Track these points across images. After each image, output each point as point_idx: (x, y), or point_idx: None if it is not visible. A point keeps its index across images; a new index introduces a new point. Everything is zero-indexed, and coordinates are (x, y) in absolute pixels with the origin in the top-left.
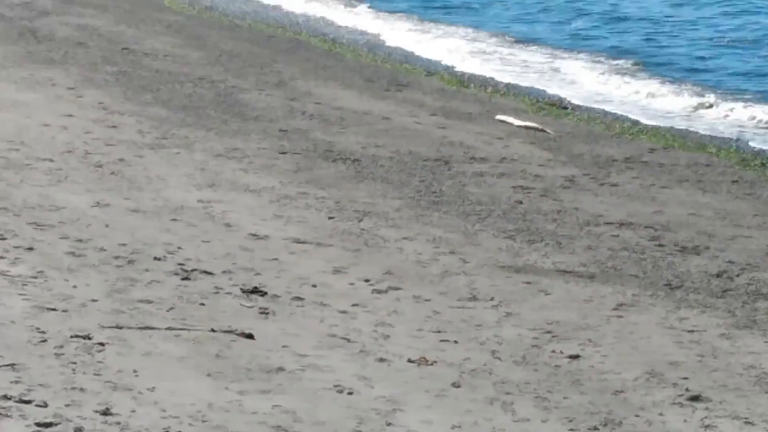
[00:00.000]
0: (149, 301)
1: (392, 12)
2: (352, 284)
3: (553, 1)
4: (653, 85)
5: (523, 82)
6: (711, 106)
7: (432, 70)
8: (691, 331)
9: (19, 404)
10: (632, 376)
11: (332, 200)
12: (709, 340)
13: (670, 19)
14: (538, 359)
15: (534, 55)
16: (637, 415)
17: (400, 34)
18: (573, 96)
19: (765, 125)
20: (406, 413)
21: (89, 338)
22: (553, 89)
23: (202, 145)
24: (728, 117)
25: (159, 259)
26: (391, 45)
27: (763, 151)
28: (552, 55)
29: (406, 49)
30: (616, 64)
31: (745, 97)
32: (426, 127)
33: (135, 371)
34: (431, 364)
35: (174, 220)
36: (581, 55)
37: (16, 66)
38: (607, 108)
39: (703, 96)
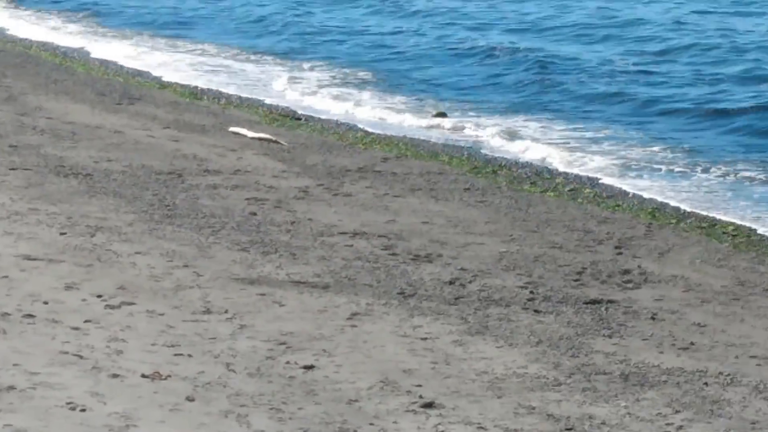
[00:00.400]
0: None
1: (117, 27)
2: (84, 300)
3: (282, 14)
4: (386, 95)
5: (256, 94)
6: (443, 115)
7: (164, 83)
8: (425, 339)
9: None
10: (366, 385)
11: (64, 216)
12: (443, 347)
13: (399, 31)
14: (272, 371)
15: (265, 67)
16: (371, 424)
17: (126, 49)
18: (306, 107)
19: (495, 134)
20: (139, 429)
21: None
22: (286, 100)
23: None
24: (460, 126)
25: None
26: (119, 61)
27: (494, 158)
28: (284, 67)
29: (135, 63)
30: (349, 75)
31: (477, 107)
32: (159, 141)
33: None
34: (165, 379)
35: None
36: (314, 66)
37: None
38: (340, 118)
39: (435, 106)
